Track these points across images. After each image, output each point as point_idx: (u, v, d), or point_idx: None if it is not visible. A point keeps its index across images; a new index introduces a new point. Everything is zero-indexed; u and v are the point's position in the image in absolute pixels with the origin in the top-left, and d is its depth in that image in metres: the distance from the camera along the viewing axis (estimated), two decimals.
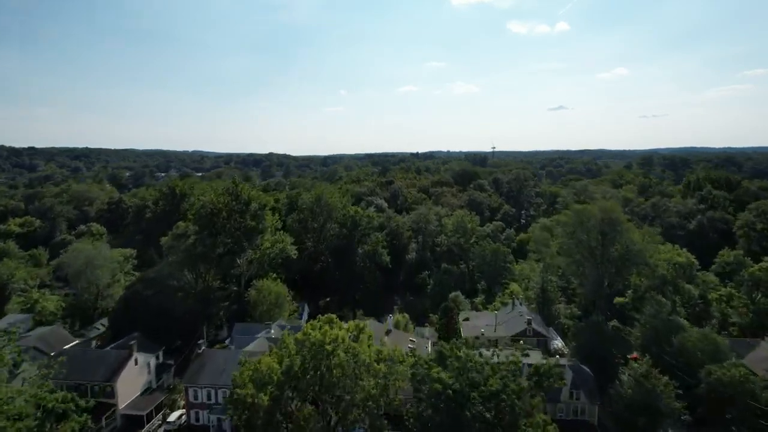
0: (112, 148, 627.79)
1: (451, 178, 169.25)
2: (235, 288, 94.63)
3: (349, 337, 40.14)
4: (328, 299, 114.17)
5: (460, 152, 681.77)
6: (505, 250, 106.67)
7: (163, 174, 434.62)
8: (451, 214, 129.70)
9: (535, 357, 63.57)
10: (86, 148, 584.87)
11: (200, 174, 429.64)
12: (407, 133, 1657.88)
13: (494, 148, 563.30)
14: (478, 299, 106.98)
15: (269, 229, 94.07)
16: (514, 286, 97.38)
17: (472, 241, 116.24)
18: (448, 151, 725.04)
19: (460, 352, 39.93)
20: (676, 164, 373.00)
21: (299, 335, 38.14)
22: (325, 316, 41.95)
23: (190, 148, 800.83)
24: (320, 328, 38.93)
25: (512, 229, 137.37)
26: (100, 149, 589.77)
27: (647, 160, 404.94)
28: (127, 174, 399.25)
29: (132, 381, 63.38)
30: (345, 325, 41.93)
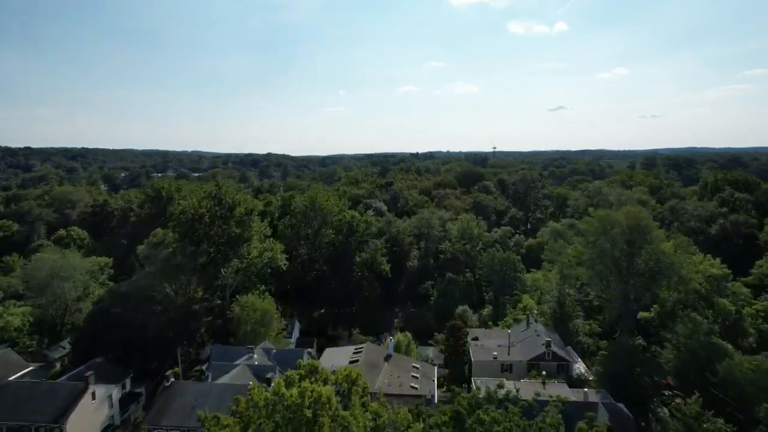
0: (111, 148, 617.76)
1: (455, 180, 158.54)
2: (219, 301, 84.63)
3: (337, 391, 30.19)
4: (322, 310, 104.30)
5: (460, 152, 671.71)
6: (515, 258, 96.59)
7: (159, 174, 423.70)
8: (456, 219, 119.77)
9: (560, 389, 53.78)
10: (83, 148, 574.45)
11: (197, 174, 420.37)
12: (407, 133, 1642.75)
13: (495, 148, 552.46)
14: (485, 311, 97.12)
15: (256, 237, 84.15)
16: (526, 300, 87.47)
17: (478, 248, 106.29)
18: (448, 151, 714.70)
19: (482, 412, 30.17)
20: (680, 164, 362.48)
21: (269, 394, 28.12)
22: (307, 362, 32.03)
23: (190, 148, 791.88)
24: (299, 383, 28.92)
25: (521, 234, 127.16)
26: (98, 149, 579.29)
27: (650, 160, 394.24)
28: (123, 174, 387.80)
29: (88, 419, 53.43)
30: (332, 375, 31.96)
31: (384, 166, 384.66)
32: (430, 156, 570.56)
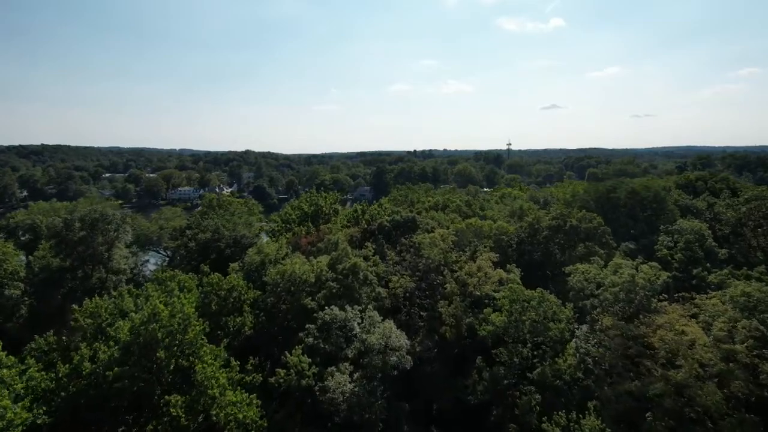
0: (96, 146, 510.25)
1: (588, 200, 53.17)
2: None
3: None
4: None
5: (456, 151, 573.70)
6: None
7: (107, 175, 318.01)
8: None
9: None
10: (42, 145, 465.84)
11: (153, 174, 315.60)
12: (402, 132, 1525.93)
13: (510, 145, 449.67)
14: None
15: None
16: None
17: None
18: (445, 150, 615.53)
19: None
20: (749, 165, 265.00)
21: None
22: None
23: (177, 146, 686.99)
24: None
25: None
26: (58, 146, 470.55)
27: (704, 159, 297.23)
28: (47, 178, 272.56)
29: None
30: None
31: (379, 166, 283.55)
32: (429, 155, 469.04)
